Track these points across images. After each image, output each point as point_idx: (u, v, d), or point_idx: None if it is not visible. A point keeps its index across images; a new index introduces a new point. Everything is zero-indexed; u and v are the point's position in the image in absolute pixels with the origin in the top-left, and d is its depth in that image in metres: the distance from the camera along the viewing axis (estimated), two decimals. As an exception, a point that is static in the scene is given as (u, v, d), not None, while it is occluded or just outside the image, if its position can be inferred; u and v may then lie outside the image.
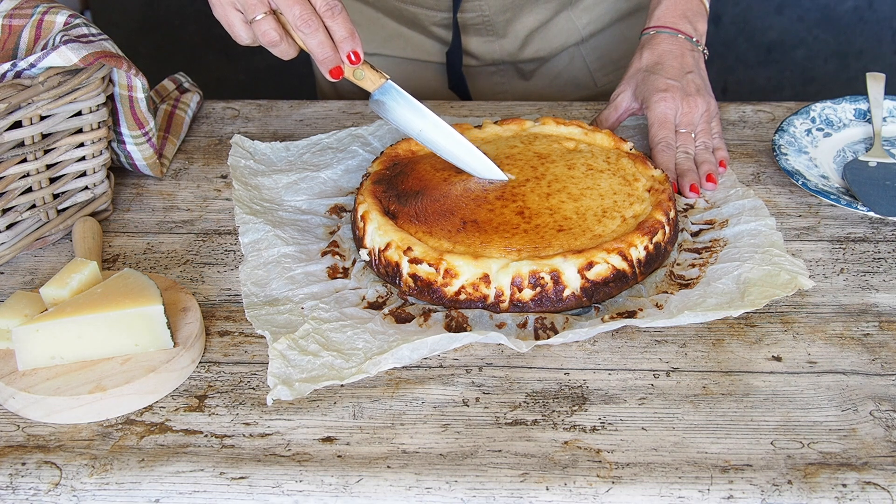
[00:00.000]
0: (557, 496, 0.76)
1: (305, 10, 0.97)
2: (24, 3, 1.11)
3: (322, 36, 0.98)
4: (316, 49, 0.99)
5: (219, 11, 0.99)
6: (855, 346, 0.90)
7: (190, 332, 0.90)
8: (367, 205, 1.01)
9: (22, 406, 0.84)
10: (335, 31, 0.99)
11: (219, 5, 0.99)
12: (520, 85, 1.47)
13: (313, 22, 0.97)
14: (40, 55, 1.00)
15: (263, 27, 0.98)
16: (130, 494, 0.77)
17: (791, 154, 1.15)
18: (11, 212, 1.03)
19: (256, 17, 0.97)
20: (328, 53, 0.99)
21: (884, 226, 1.07)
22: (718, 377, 0.87)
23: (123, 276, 0.90)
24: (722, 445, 0.80)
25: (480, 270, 0.92)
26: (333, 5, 0.98)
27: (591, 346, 0.91)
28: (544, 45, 1.43)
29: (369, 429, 0.82)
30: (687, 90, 1.15)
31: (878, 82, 1.25)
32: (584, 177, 1.05)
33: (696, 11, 1.21)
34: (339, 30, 0.99)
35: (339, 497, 0.77)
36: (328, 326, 0.91)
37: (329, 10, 0.98)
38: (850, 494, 0.75)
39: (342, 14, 0.98)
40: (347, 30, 0.99)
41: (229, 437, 0.82)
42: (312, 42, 0.98)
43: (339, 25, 0.99)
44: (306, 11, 0.97)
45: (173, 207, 1.14)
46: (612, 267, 0.93)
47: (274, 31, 0.98)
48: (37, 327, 0.84)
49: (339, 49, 1.00)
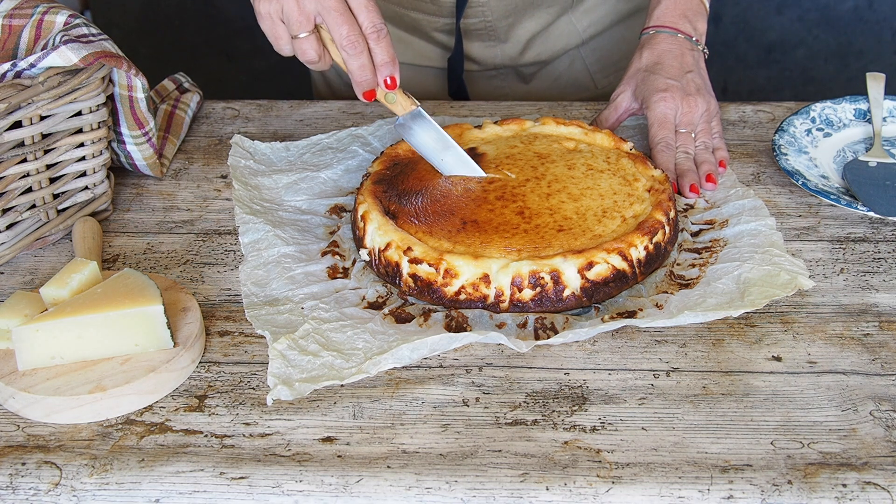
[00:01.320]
0: (557, 496, 0.76)
1: (353, 31, 0.97)
2: (24, 3, 1.11)
3: (365, 59, 0.99)
4: (357, 71, 0.99)
5: (266, 24, 1.00)
6: (855, 346, 0.90)
7: (190, 332, 0.90)
8: (367, 205, 1.01)
9: (22, 406, 0.84)
10: (377, 55, 0.99)
11: (266, 18, 0.99)
12: (520, 88, 1.47)
13: (359, 44, 0.98)
14: (40, 55, 1.00)
15: (304, 46, 0.99)
16: (130, 494, 0.77)
17: (791, 154, 1.15)
18: (11, 212, 1.03)
19: (300, 34, 0.98)
20: (367, 76, 1.00)
21: (884, 226, 1.07)
22: (718, 377, 0.87)
23: (123, 276, 0.90)
24: (722, 445, 0.80)
25: (480, 270, 0.92)
26: (380, 28, 0.98)
27: (591, 346, 0.91)
28: (545, 49, 1.43)
29: (369, 429, 0.82)
30: (687, 90, 1.15)
31: (878, 82, 1.24)
32: (584, 177, 1.05)
33: (695, 11, 1.21)
34: (382, 54, 0.99)
35: (339, 497, 0.77)
36: (328, 326, 0.91)
37: (376, 32, 0.98)
38: (850, 494, 0.75)
39: (387, 38, 0.99)
40: (389, 55, 1.00)
41: (229, 437, 0.82)
42: (355, 63, 0.99)
43: (383, 49, 0.99)
44: (354, 32, 0.97)
45: (173, 207, 1.14)
46: (612, 267, 0.93)
47: (314, 50, 0.99)
48: (37, 327, 0.84)
49: (377, 72, 1.00)
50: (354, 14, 0.98)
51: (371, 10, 0.98)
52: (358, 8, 0.97)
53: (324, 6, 0.97)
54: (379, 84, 1.01)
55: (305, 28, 0.98)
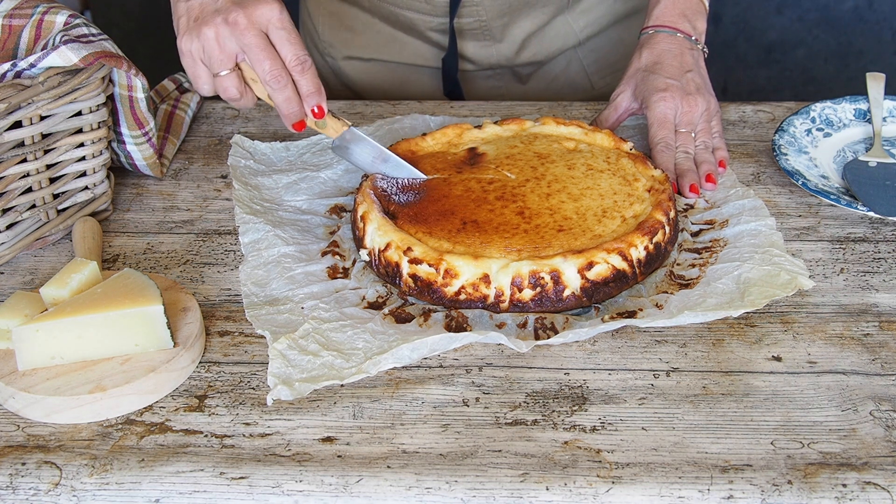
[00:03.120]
0: (557, 496, 0.76)
1: (276, 65, 0.98)
2: (24, 3, 1.11)
3: (290, 91, 0.99)
4: (283, 104, 1.00)
5: (187, 61, 1.00)
6: (855, 346, 0.90)
7: (190, 332, 0.89)
8: (367, 205, 1.01)
9: (22, 406, 0.84)
10: (302, 86, 1.00)
11: (188, 56, 1.00)
12: (517, 89, 1.47)
13: (283, 78, 0.98)
14: (40, 55, 1.00)
15: (225, 83, 0.99)
16: (130, 494, 0.77)
17: (791, 154, 1.15)
18: (11, 212, 1.03)
19: (221, 72, 0.99)
20: (294, 109, 1.01)
21: (884, 226, 1.07)
22: (718, 377, 0.87)
23: (123, 276, 0.90)
24: (722, 445, 0.80)
25: (480, 270, 0.92)
26: (304, 60, 0.99)
27: (591, 346, 0.91)
28: (541, 49, 1.43)
29: (369, 429, 0.82)
30: (687, 89, 1.15)
31: (878, 82, 1.24)
32: (584, 177, 1.05)
33: (694, 10, 1.21)
34: (307, 85, 1.00)
35: (339, 497, 0.77)
36: (328, 326, 0.91)
37: (300, 65, 0.99)
38: (850, 494, 0.75)
39: (311, 69, 0.99)
40: (315, 85, 1.00)
41: (229, 437, 0.82)
42: (280, 97, 0.99)
43: (308, 80, 1.00)
44: (276, 67, 0.98)
45: (173, 207, 1.13)
46: (612, 267, 0.93)
47: (234, 88, 1.00)
48: (37, 327, 0.84)
49: (304, 102, 1.01)
50: (277, 48, 0.98)
51: (293, 43, 0.98)
52: (280, 42, 0.98)
53: (245, 43, 0.97)
54: (307, 115, 1.02)
55: (226, 66, 0.98)
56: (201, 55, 0.99)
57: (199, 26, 0.98)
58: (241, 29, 0.96)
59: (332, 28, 1.47)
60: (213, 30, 0.97)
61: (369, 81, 1.48)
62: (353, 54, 1.47)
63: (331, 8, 1.46)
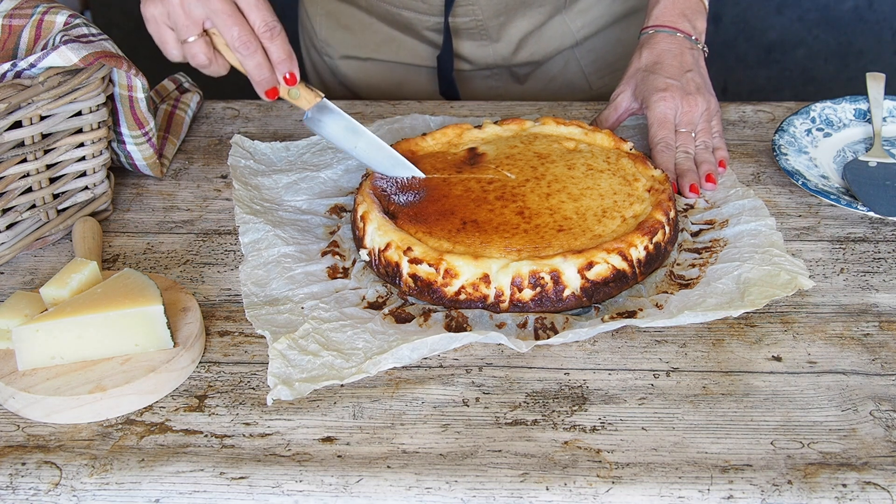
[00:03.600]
0: (557, 496, 0.76)
1: (244, 31, 0.96)
2: (24, 3, 1.11)
3: (260, 57, 0.98)
4: (253, 71, 0.99)
5: (152, 27, 0.99)
6: (855, 346, 0.90)
7: (190, 332, 0.89)
8: (367, 205, 1.01)
9: (22, 406, 0.84)
10: (273, 53, 0.99)
11: (152, 22, 0.98)
12: (514, 89, 1.47)
13: (252, 44, 0.97)
14: (40, 55, 1.00)
15: (193, 50, 0.98)
16: (130, 494, 0.77)
17: (791, 154, 1.15)
18: (11, 212, 1.03)
19: (188, 38, 0.97)
20: (265, 75, 0.99)
21: (884, 226, 1.06)
22: (718, 377, 0.87)
23: (123, 276, 0.90)
24: (722, 445, 0.80)
25: (480, 270, 0.92)
26: (273, 26, 0.97)
27: (591, 346, 0.91)
28: (538, 49, 1.43)
29: (369, 429, 0.82)
30: (687, 89, 1.15)
31: (878, 82, 1.24)
32: (584, 177, 1.05)
33: (694, 9, 1.21)
34: (278, 51, 0.99)
35: (339, 497, 0.77)
36: (328, 326, 0.91)
37: (268, 31, 0.97)
38: (850, 494, 0.75)
39: (281, 35, 0.98)
40: (286, 51, 0.99)
41: (229, 437, 0.82)
42: (250, 63, 0.98)
43: (278, 47, 0.98)
44: (245, 33, 0.96)
45: (173, 207, 1.13)
46: (612, 267, 0.93)
47: (203, 54, 0.98)
48: (37, 327, 0.84)
49: (276, 70, 1.00)
50: (245, 14, 0.96)
51: (262, 9, 0.96)
52: (248, 8, 0.96)
53: (211, 9, 0.95)
54: (279, 81, 1.00)
55: (193, 32, 0.97)
56: (166, 20, 0.97)
57: None
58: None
59: (330, 27, 1.47)
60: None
61: (367, 80, 1.48)
62: (351, 53, 1.47)
63: (328, 7, 1.46)
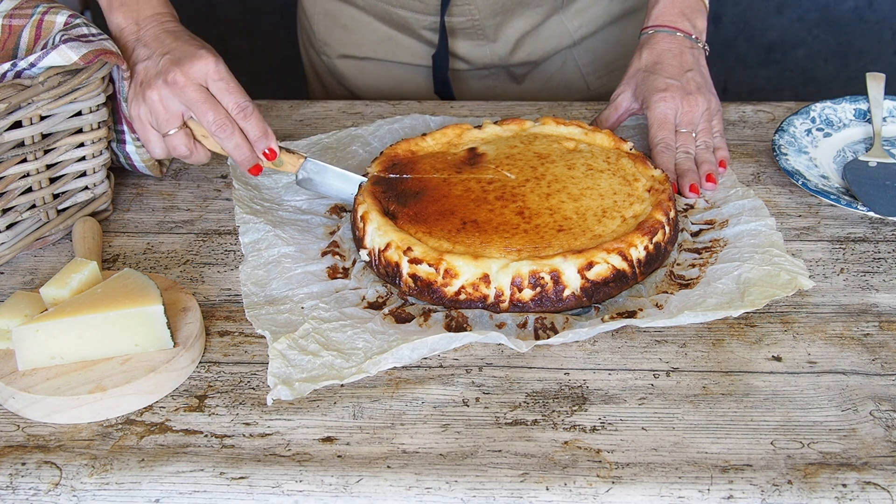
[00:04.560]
0: (557, 496, 0.76)
1: (219, 115, 1.02)
2: (25, 3, 1.11)
3: (238, 138, 1.03)
4: (234, 151, 1.03)
5: (138, 126, 1.05)
6: (855, 346, 0.90)
7: (190, 332, 0.89)
8: (367, 205, 1.01)
9: (22, 406, 0.84)
10: (249, 132, 1.03)
11: (137, 121, 1.04)
12: (512, 89, 1.47)
13: (228, 126, 1.02)
14: (40, 55, 1.00)
15: (174, 142, 1.04)
16: (130, 494, 0.77)
17: (791, 154, 1.15)
18: (11, 212, 1.03)
19: (169, 131, 1.03)
20: (245, 154, 1.04)
21: (884, 226, 1.07)
22: (718, 377, 0.87)
23: (123, 276, 0.90)
24: (722, 445, 0.80)
25: (480, 270, 0.92)
26: (245, 106, 1.02)
27: (591, 346, 0.91)
28: (536, 49, 1.43)
29: (369, 429, 0.82)
30: (687, 88, 1.15)
31: (878, 82, 1.25)
32: (584, 177, 1.05)
33: (694, 9, 1.21)
34: (253, 130, 1.03)
35: (339, 497, 0.77)
36: (328, 326, 0.91)
37: (241, 111, 1.02)
38: (850, 494, 0.75)
39: (254, 114, 1.03)
40: (261, 129, 1.03)
41: (229, 437, 0.82)
42: (229, 144, 1.03)
43: (253, 126, 1.03)
44: (220, 117, 1.02)
45: (173, 207, 1.14)
46: (612, 267, 0.93)
47: (183, 145, 1.04)
48: (37, 327, 0.84)
49: (254, 147, 1.04)
50: (218, 99, 1.02)
51: (233, 92, 1.02)
52: (219, 93, 1.02)
53: (187, 99, 1.01)
54: (259, 158, 1.05)
55: (174, 125, 1.03)
56: (149, 118, 1.03)
57: (144, 90, 1.03)
58: (180, 87, 1.01)
59: (328, 27, 1.47)
60: (156, 92, 1.02)
61: (364, 80, 1.49)
62: (348, 53, 1.47)
63: (326, 7, 1.46)
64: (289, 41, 2.89)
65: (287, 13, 2.88)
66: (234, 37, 2.88)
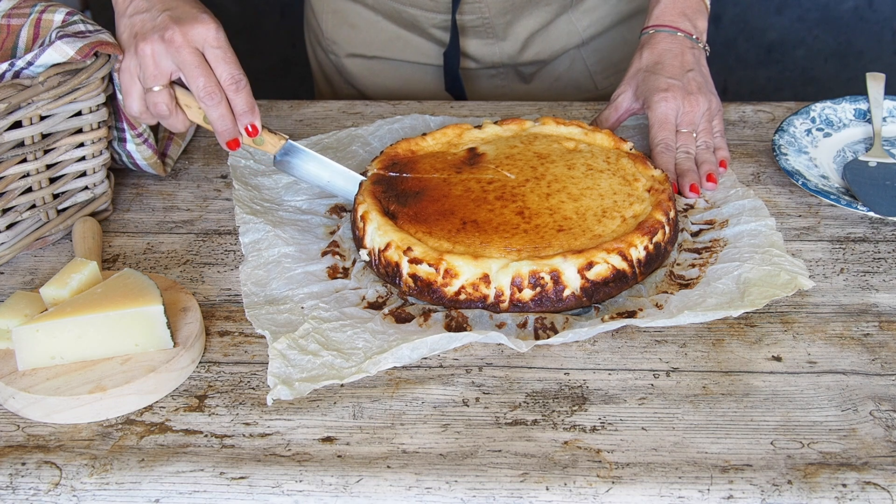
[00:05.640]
0: (557, 496, 0.76)
1: (210, 82, 1.00)
2: (23, 2, 1.11)
3: (224, 109, 1.01)
4: (217, 121, 1.02)
5: (124, 77, 1.03)
6: (855, 346, 0.90)
7: (190, 332, 0.89)
8: (367, 205, 1.01)
9: (22, 406, 0.84)
10: (236, 105, 1.02)
11: (126, 72, 1.02)
12: (520, 88, 1.47)
13: (216, 95, 1.00)
14: (36, 52, 0.99)
15: (156, 98, 1.01)
16: (130, 494, 0.77)
17: (791, 154, 1.15)
18: (11, 212, 1.03)
19: (154, 87, 1.00)
20: (228, 126, 1.02)
21: (884, 226, 1.07)
22: (718, 377, 0.87)
23: (123, 276, 0.90)
24: (722, 445, 0.80)
25: (480, 270, 0.92)
26: (238, 79, 1.01)
27: (591, 346, 0.91)
28: (544, 48, 1.43)
29: (369, 429, 0.82)
30: (688, 88, 1.15)
31: (878, 82, 1.24)
32: (584, 177, 1.05)
33: (695, 9, 1.21)
34: (241, 104, 1.02)
35: (339, 497, 0.77)
36: (328, 326, 0.91)
37: (234, 84, 1.00)
38: (850, 494, 0.75)
39: (246, 88, 1.01)
40: (248, 104, 1.02)
41: (229, 437, 0.82)
42: (214, 114, 1.01)
43: (242, 100, 1.01)
44: (211, 84, 1.00)
45: (173, 207, 1.14)
46: (612, 267, 0.93)
47: (165, 105, 1.01)
48: (37, 327, 0.84)
49: (238, 121, 1.02)
50: (212, 67, 1.00)
51: (228, 63, 1.00)
52: (215, 61, 1.00)
53: (181, 60, 0.99)
54: (241, 133, 1.03)
55: (159, 82, 1.00)
56: (137, 71, 1.01)
57: (138, 42, 1.00)
58: (176, 46, 0.99)
59: (336, 25, 1.47)
60: (150, 46, 0.99)
61: (372, 79, 1.49)
62: (357, 51, 1.47)
63: (334, 5, 1.46)
64: (289, 41, 2.89)
65: (287, 13, 2.88)
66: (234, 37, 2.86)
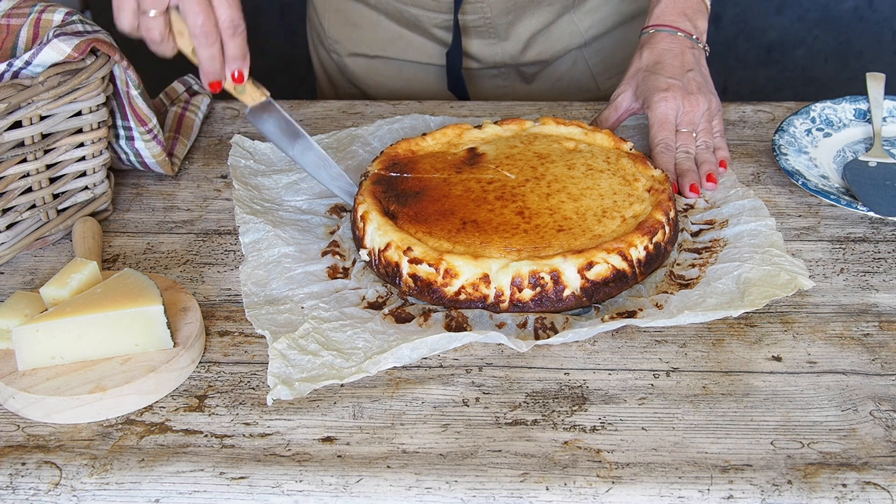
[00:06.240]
0: (557, 496, 0.76)
1: (209, 22, 0.98)
2: (22, 2, 1.11)
3: (216, 50, 0.99)
4: (206, 61, 1.00)
5: None
6: (855, 346, 0.90)
7: (190, 332, 0.89)
8: (367, 205, 1.01)
9: (22, 406, 0.84)
10: (229, 49, 1.00)
11: None
12: (522, 88, 1.47)
13: (212, 35, 0.98)
14: (34, 51, 0.99)
15: (151, 24, 0.98)
16: (130, 494, 0.77)
17: (791, 154, 1.15)
18: (11, 212, 1.03)
19: (150, 12, 0.97)
20: (216, 68, 1.00)
21: (884, 226, 1.07)
22: (718, 377, 0.87)
23: (123, 276, 0.90)
24: (722, 445, 0.80)
25: (480, 270, 0.92)
26: (237, 24, 0.99)
27: (591, 346, 0.91)
28: (546, 49, 1.43)
29: (369, 429, 0.82)
30: (688, 88, 1.15)
31: (878, 82, 1.24)
32: (584, 177, 1.05)
33: (695, 9, 1.21)
34: (234, 49, 1.00)
35: (339, 497, 0.77)
36: (328, 326, 0.91)
37: (232, 28, 0.99)
38: (850, 494, 0.75)
39: (242, 35, 1.00)
40: (241, 50, 1.00)
41: (229, 437, 0.82)
42: (205, 54, 0.99)
43: (236, 45, 1.00)
44: (209, 24, 0.98)
45: (173, 207, 1.14)
46: (612, 267, 0.93)
47: (158, 31, 0.99)
48: (37, 327, 0.84)
49: (226, 65, 1.01)
50: (214, 7, 0.98)
51: (231, 7, 0.98)
52: (219, 2, 0.98)
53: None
54: (226, 77, 1.01)
55: (158, 8, 0.97)
56: None
57: None
58: None
59: (338, 25, 1.47)
60: None
61: (374, 78, 1.49)
62: (359, 51, 1.47)
63: (337, 5, 1.46)
64: (289, 41, 2.89)
65: (287, 13, 2.87)
66: (234, 37, 2.87)
